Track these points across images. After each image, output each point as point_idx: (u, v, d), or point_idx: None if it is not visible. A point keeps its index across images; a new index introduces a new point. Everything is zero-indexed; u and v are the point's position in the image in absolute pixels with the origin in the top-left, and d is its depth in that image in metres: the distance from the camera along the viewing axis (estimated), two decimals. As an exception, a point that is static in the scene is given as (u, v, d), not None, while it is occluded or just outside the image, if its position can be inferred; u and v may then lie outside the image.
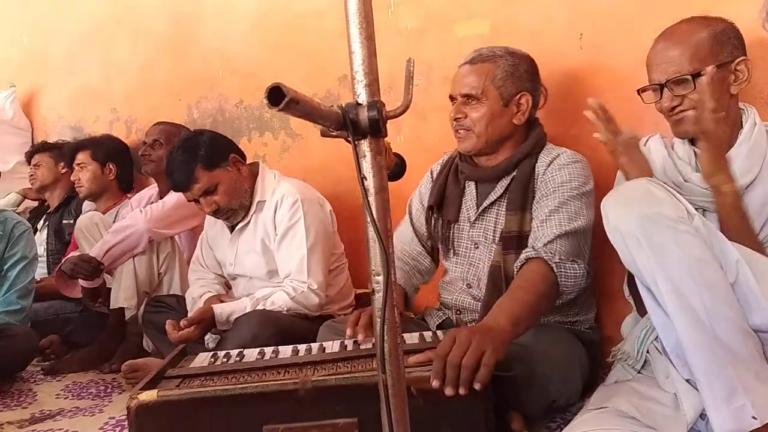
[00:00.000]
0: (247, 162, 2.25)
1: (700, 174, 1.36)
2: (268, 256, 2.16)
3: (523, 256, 1.56)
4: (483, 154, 1.75)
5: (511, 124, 1.72)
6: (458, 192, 1.81)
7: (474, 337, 1.24)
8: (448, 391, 1.20)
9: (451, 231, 1.82)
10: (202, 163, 2.08)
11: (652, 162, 1.49)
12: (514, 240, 1.65)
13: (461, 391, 1.20)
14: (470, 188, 1.81)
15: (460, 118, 1.70)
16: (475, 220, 1.76)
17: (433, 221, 1.86)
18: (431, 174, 1.93)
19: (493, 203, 1.74)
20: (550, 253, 1.52)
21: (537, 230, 1.61)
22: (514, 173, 1.71)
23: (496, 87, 1.68)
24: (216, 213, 2.15)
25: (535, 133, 1.75)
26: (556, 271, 1.50)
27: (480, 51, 1.73)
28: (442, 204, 1.83)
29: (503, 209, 1.71)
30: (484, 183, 1.78)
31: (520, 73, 1.71)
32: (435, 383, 1.21)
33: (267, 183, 2.19)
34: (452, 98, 1.75)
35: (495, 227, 1.73)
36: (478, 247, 1.77)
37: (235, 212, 2.17)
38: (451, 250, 1.83)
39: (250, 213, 2.18)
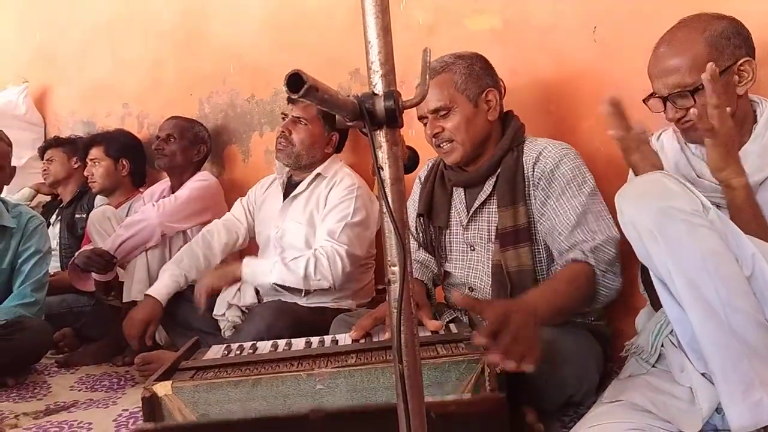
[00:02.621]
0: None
1: None
2: (310, 229, 2.22)
3: (570, 256, 1.54)
4: (471, 162, 1.75)
5: (487, 122, 1.71)
6: (446, 198, 1.81)
7: (520, 331, 1.17)
8: (503, 365, 1.14)
9: (443, 237, 1.83)
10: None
11: (665, 157, 1.47)
12: (511, 235, 1.65)
13: (502, 365, 1.15)
14: (458, 192, 1.81)
15: (438, 132, 1.70)
16: (468, 222, 1.76)
17: (423, 228, 1.87)
18: (419, 181, 1.93)
19: (483, 203, 1.73)
20: (597, 259, 1.52)
21: (573, 234, 1.57)
22: (499, 170, 1.71)
23: (460, 92, 1.68)
24: (284, 145, 2.23)
25: (512, 127, 1.74)
26: (600, 279, 1.51)
27: (431, 66, 1.71)
28: (431, 211, 1.84)
29: (494, 207, 1.71)
30: (471, 187, 1.78)
31: (477, 71, 1.70)
32: (494, 357, 1.14)
33: (333, 164, 2.30)
34: (421, 118, 1.74)
35: (489, 226, 1.73)
36: (474, 249, 1.77)
37: (297, 161, 2.25)
38: (445, 256, 1.83)
39: (306, 181, 2.25)
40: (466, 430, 1.23)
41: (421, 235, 1.88)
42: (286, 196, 2.30)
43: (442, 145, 1.72)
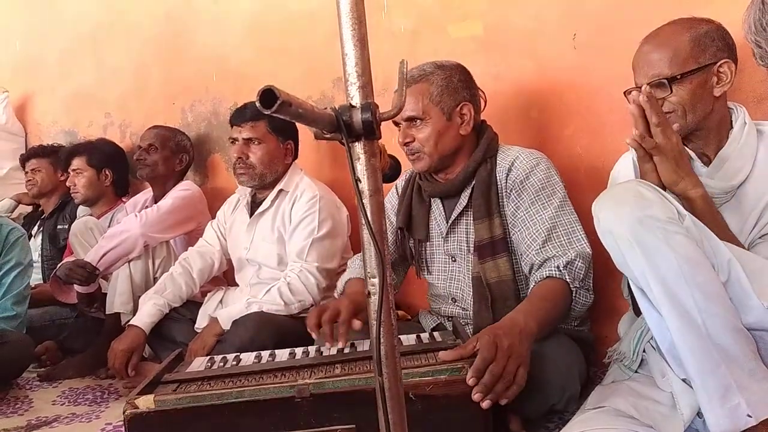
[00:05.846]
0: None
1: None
2: (281, 246, 2.22)
3: (545, 272, 1.54)
4: (440, 170, 1.76)
5: (458, 136, 1.72)
6: (424, 210, 1.82)
7: (514, 349, 1.29)
8: (485, 404, 1.23)
9: (424, 249, 1.84)
10: (271, 120, 2.18)
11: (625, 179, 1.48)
12: (488, 247, 1.66)
13: (484, 405, 1.23)
14: (436, 203, 1.82)
15: (408, 141, 1.71)
16: (447, 233, 1.77)
17: (404, 241, 1.88)
18: (396, 190, 1.94)
19: (460, 215, 1.75)
20: (571, 276, 1.52)
21: (544, 248, 1.58)
22: (474, 182, 1.72)
23: (435, 104, 1.68)
24: (245, 170, 2.23)
25: (486, 138, 1.75)
26: (574, 295, 1.53)
27: (410, 73, 1.71)
28: (411, 224, 1.84)
29: (471, 219, 1.72)
30: (447, 198, 1.79)
31: (455, 84, 1.70)
32: (477, 396, 1.23)
33: (293, 175, 2.30)
34: (395, 123, 1.75)
35: (467, 238, 1.74)
36: (455, 260, 1.78)
37: (261, 180, 2.24)
38: (426, 268, 1.85)
39: (270, 198, 2.25)
40: (445, 411, 1.25)
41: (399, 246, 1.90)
42: (251, 214, 2.31)
43: (410, 154, 1.73)
